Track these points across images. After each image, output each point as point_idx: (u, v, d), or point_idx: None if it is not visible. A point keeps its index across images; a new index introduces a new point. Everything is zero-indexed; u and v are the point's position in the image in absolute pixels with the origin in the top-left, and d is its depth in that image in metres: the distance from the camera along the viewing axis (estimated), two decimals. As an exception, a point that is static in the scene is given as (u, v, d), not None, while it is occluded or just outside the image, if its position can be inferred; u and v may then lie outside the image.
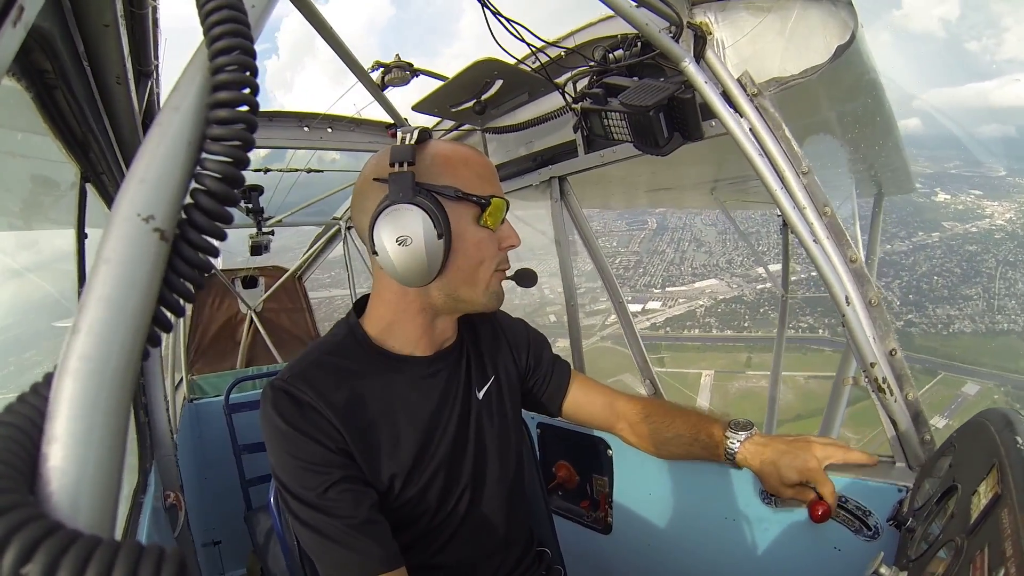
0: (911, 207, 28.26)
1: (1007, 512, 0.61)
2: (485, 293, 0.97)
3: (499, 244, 0.97)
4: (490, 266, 0.95)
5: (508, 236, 0.98)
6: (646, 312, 30.93)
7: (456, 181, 0.90)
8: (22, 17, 0.36)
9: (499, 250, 0.97)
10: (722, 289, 31.50)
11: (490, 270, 0.96)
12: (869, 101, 1.57)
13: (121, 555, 0.23)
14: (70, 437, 0.27)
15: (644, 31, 1.09)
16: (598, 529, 1.64)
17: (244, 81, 0.35)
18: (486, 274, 0.95)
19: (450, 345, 1.05)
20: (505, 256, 0.99)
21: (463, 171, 0.92)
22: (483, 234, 0.93)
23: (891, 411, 1.11)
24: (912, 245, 26.94)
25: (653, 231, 37.17)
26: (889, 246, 25.23)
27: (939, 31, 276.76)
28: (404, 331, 0.98)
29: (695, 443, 1.12)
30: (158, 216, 0.31)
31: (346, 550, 0.86)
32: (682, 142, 1.18)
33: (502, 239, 0.97)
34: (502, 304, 1.01)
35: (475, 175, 0.93)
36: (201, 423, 2.80)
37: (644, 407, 1.19)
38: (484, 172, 0.95)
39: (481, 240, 0.93)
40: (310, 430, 0.88)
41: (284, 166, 2.65)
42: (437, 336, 1.02)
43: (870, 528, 1.10)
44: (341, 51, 1.43)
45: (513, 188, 1.91)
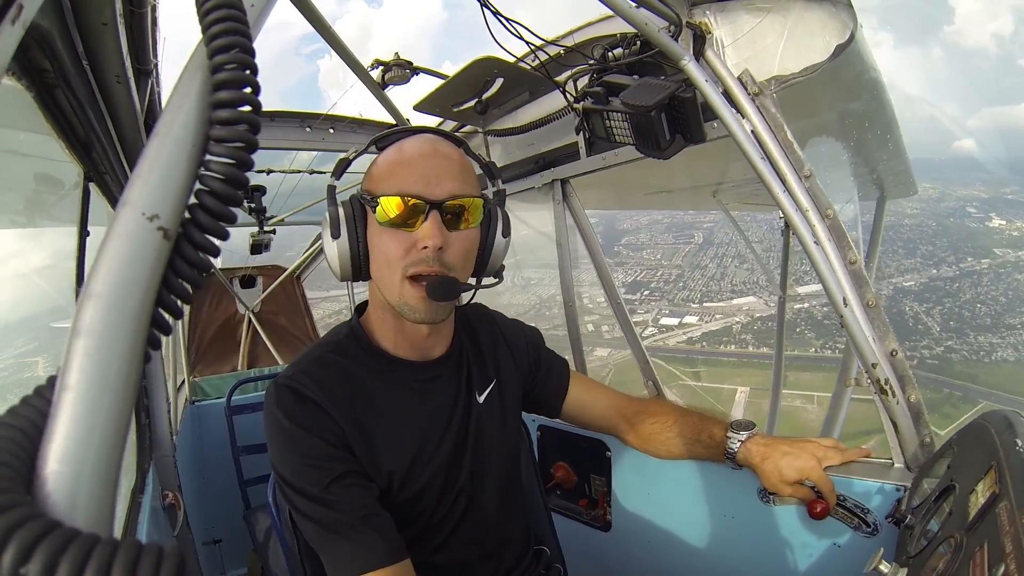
0: (964, 232, 27.42)
1: (1005, 510, 0.61)
2: (399, 303, 0.90)
3: (416, 245, 0.88)
4: (396, 269, 0.88)
5: (422, 236, 0.87)
6: (683, 326, 30.55)
7: (370, 184, 0.92)
8: (21, 15, 0.36)
9: (416, 251, 0.88)
10: (759, 307, 31.07)
11: (397, 274, 0.88)
12: (870, 102, 1.56)
13: (120, 553, 0.23)
14: (70, 439, 0.27)
15: (643, 30, 1.09)
16: (597, 527, 1.65)
17: (245, 80, 0.35)
18: (394, 278, 0.89)
19: (445, 353, 1.04)
20: (421, 259, 0.88)
21: (373, 172, 0.93)
22: (387, 235, 0.88)
23: (892, 412, 1.11)
24: (959, 271, 26.24)
25: (698, 245, 36.12)
26: (935, 271, 24.66)
27: (992, 47, 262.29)
28: (383, 331, 0.99)
29: (696, 443, 1.12)
30: (163, 215, 0.31)
31: (351, 543, 0.86)
32: (684, 144, 1.18)
33: (417, 240, 0.87)
34: (427, 319, 0.92)
35: (381, 173, 0.91)
36: (202, 424, 2.80)
37: (645, 407, 1.19)
38: (396, 169, 0.89)
39: (383, 241, 0.89)
40: (312, 425, 0.89)
41: (287, 166, 2.64)
42: (415, 340, 0.99)
43: (869, 525, 1.10)
44: (341, 50, 1.43)
45: (515, 190, 1.92)
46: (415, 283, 0.88)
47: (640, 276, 31.48)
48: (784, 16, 1.11)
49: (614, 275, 1.91)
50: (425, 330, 0.98)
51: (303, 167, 2.66)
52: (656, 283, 29.56)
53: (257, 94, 0.35)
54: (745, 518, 1.30)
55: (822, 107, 1.53)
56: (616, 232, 32.21)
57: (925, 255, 24.49)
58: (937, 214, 26.89)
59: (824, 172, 1.14)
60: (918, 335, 21.89)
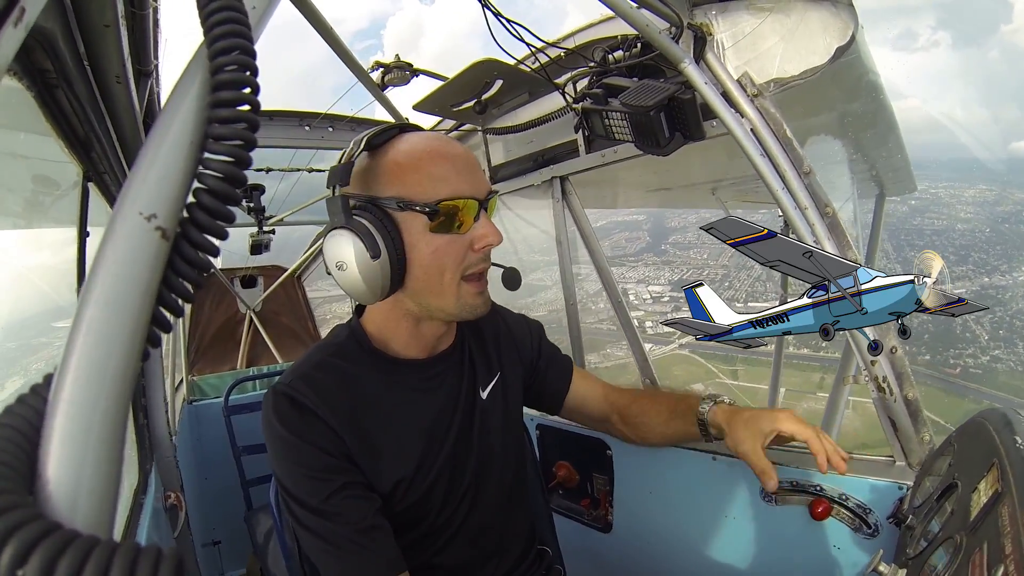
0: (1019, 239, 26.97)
1: (1007, 510, 0.61)
2: (456, 304, 0.89)
3: (472, 245, 0.88)
4: (455, 273, 0.87)
5: (482, 235, 0.88)
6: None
7: (403, 190, 0.84)
8: (23, 18, 0.36)
9: (472, 252, 0.88)
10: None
11: (456, 278, 0.88)
12: (870, 101, 1.56)
13: (118, 555, 0.23)
14: (69, 438, 0.27)
15: (644, 32, 1.09)
16: (598, 527, 1.64)
17: (245, 80, 0.35)
18: (451, 283, 0.88)
19: (449, 346, 1.04)
20: (480, 258, 0.89)
21: (411, 176, 0.85)
22: (440, 241, 0.86)
23: (891, 410, 1.11)
24: (1012, 280, 25.04)
25: (747, 247, 36.12)
26: (987, 279, 24.14)
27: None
28: (395, 335, 0.98)
29: (675, 417, 1.10)
30: (160, 215, 0.31)
31: (350, 556, 0.86)
32: (683, 142, 1.18)
33: (475, 240, 0.88)
34: (485, 312, 0.93)
35: (425, 178, 0.85)
36: (201, 424, 2.80)
37: (632, 396, 1.19)
38: (438, 171, 0.86)
39: (438, 248, 0.86)
40: (312, 437, 0.88)
41: (286, 165, 2.64)
42: (429, 339, 0.99)
43: (870, 526, 1.10)
44: (340, 51, 1.43)
45: (514, 188, 1.91)
46: (471, 281, 0.89)
47: (686, 275, 31.42)
48: (785, 18, 1.11)
49: (661, 273, 1.90)
50: (442, 330, 0.99)
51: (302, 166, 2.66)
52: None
53: (256, 94, 0.35)
54: (746, 519, 1.31)
55: (822, 106, 1.53)
56: (664, 230, 32.02)
57: (977, 263, 23.94)
58: (992, 218, 26.01)
59: (823, 170, 1.14)
60: (964, 343, 21.26)
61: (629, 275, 21.12)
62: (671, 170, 2.17)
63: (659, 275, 22.93)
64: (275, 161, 2.60)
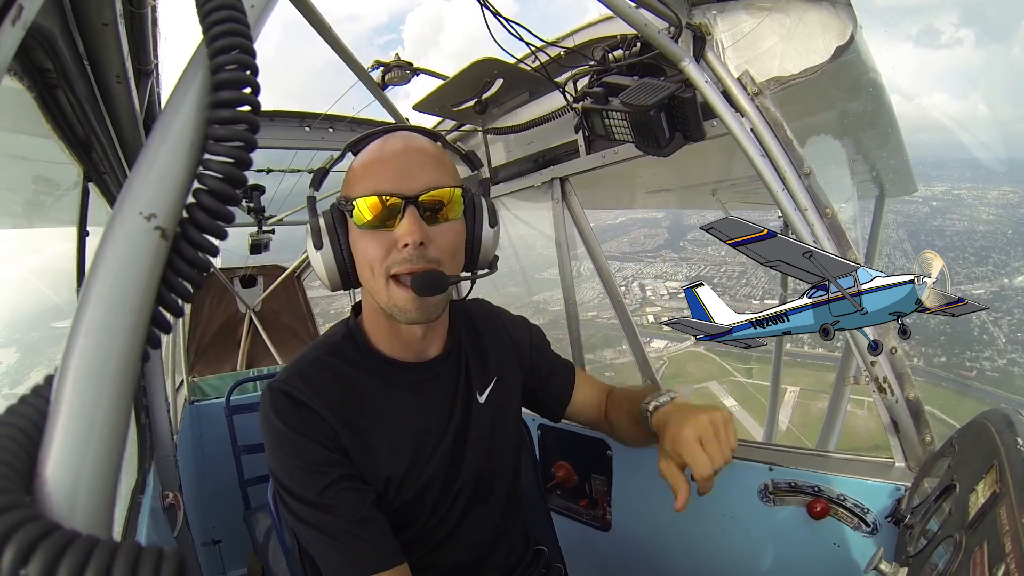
0: None
1: (1005, 509, 0.61)
2: (388, 305, 0.88)
3: (397, 244, 0.85)
4: (379, 271, 0.86)
5: (401, 234, 0.84)
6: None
7: (346, 189, 0.91)
8: (21, 16, 0.36)
9: (397, 251, 0.85)
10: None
11: (380, 276, 0.87)
12: (870, 101, 1.56)
13: (120, 555, 0.23)
14: (69, 438, 0.27)
15: (643, 32, 1.09)
16: (598, 527, 1.65)
17: (245, 80, 0.35)
18: (378, 281, 0.87)
19: (444, 351, 1.03)
20: (403, 258, 0.85)
21: (355, 177, 0.90)
22: (367, 238, 0.86)
23: (892, 411, 1.11)
24: None
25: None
26: (1006, 280, 23.70)
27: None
28: (379, 332, 0.98)
29: (633, 420, 1.04)
30: (160, 215, 0.31)
31: (348, 548, 0.86)
32: (683, 142, 1.18)
33: (397, 238, 0.85)
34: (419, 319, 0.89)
35: (354, 176, 0.89)
36: (202, 424, 2.80)
37: (614, 397, 1.19)
38: (367, 170, 0.88)
39: (363, 245, 0.87)
40: (308, 430, 0.89)
41: (287, 166, 2.64)
42: (407, 338, 0.97)
43: (868, 525, 1.10)
44: (340, 50, 1.43)
45: (515, 188, 1.92)
46: (400, 283, 0.86)
47: (704, 271, 31.26)
48: (784, 17, 1.11)
49: (678, 269, 1.90)
50: (419, 331, 0.96)
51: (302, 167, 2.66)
52: (720, 279, 29.34)
53: (257, 94, 0.35)
54: (745, 518, 1.30)
55: (822, 106, 1.53)
56: (682, 227, 31.93)
57: (998, 264, 23.55)
58: (1015, 220, 25.47)
59: (824, 170, 1.13)
60: (981, 346, 20.90)
61: (647, 271, 20.99)
62: (671, 171, 2.17)
63: (677, 271, 22.76)
64: (275, 162, 2.60)
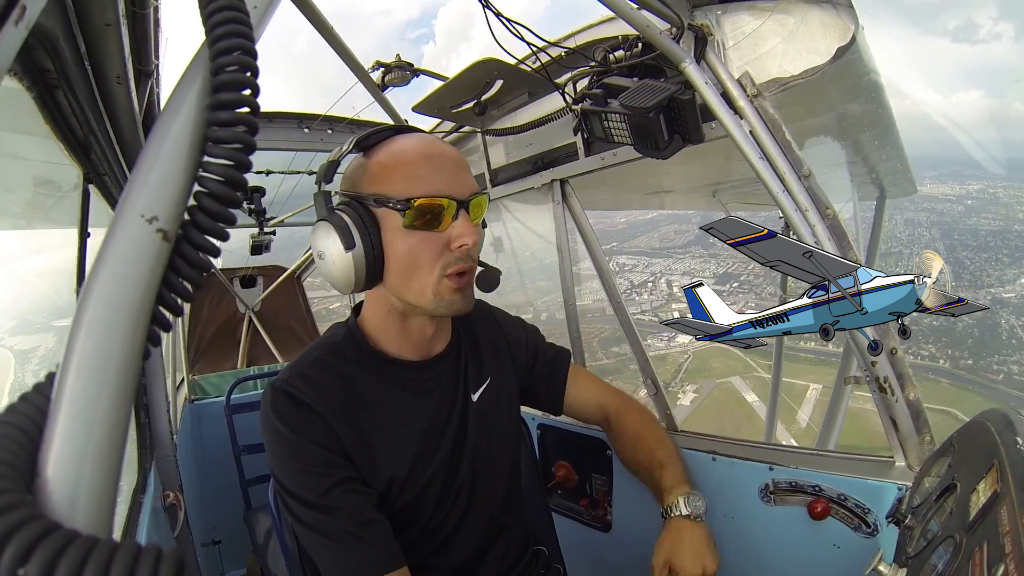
0: None
1: (1006, 509, 0.61)
2: (432, 301, 0.90)
3: (449, 244, 0.89)
4: (430, 271, 0.88)
5: (458, 235, 0.88)
6: (763, 319, 30.52)
7: (382, 187, 0.87)
8: (24, 16, 0.36)
9: (450, 251, 0.88)
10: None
11: (432, 276, 0.88)
12: (870, 102, 1.56)
13: (119, 555, 0.23)
14: (70, 437, 0.27)
15: (645, 33, 1.09)
16: (598, 527, 1.64)
17: (245, 82, 0.35)
18: (427, 280, 0.89)
19: (445, 349, 1.04)
20: (457, 257, 0.89)
21: (391, 174, 0.88)
22: (415, 238, 0.87)
23: (892, 411, 1.11)
24: None
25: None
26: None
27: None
28: (386, 332, 0.98)
29: (649, 477, 1.13)
30: (162, 217, 0.31)
31: (349, 550, 0.86)
32: (682, 144, 1.17)
33: (452, 239, 0.88)
34: (464, 309, 0.93)
35: (402, 176, 0.87)
36: (202, 423, 2.80)
37: (623, 416, 1.19)
38: (416, 171, 0.88)
39: (412, 245, 0.87)
40: (309, 432, 0.88)
41: (286, 167, 2.64)
42: (418, 338, 0.99)
43: (869, 525, 1.10)
44: (341, 50, 1.43)
45: (514, 191, 1.92)
46: (451, 280, 0.90)
47: (731, 268, 31.06)
48: (787, 18, 1.11)
49: (706, 266, 1.89)
50: (430, 329, 0.99)
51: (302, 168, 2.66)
52: (746, 276, 29.24)
53: (256, 95, 0.35)
54: (745, 518, 1.30)
55: (822, 107, 1.53)
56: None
57: None
58: None
59: (823, 172, 1.14)
60: (1010, 349, 20.41)
61: (675, 267, 20.87)
62: (672, 172, 2.17)
63: (705, 268, 22.54)
64: (275, 163, 2.60)
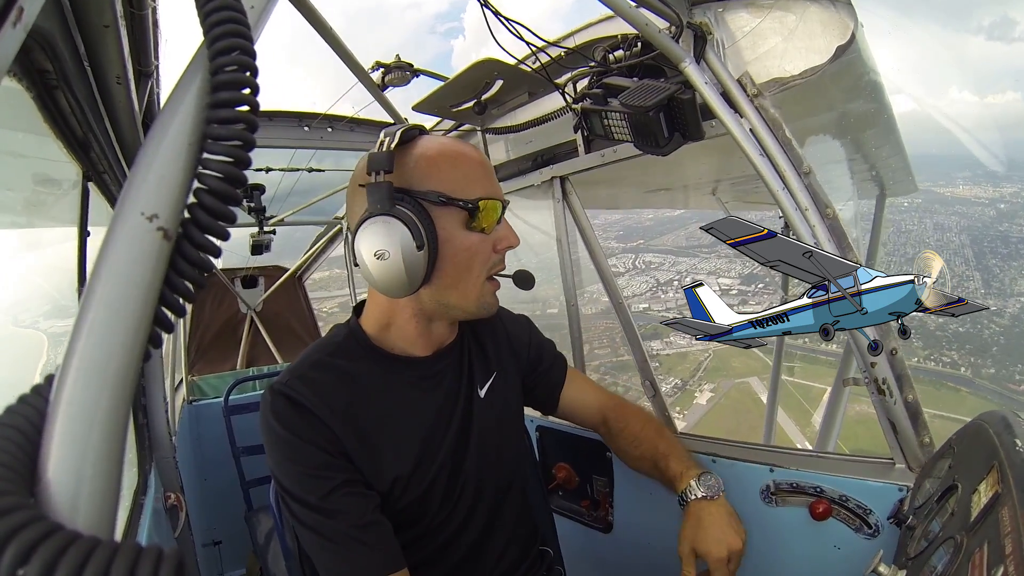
0: None
1: (1007, 510, 0.61)
2: (476, 303, 0.93)
3: (494, 246, 0.93)
4: (480, 272, 0.92)
5: (504, 237, 0.93)
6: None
7: (441, 185, 0.86)
8: (22, 18, 0.36)
9: (494, 252, 0.93)
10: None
11: (480, 277, 0.92)
12: (870, 101, 1.56)
13: (119, 556, 0.23)
14: (70, 438, 0.27)
15: (644, 31, 1.09)
16: (599, 528, 1.64)
17: (244, 81, 0.35)
18: (476, 282, 0.92)
19: (450, 343, 1.04)
20: (499, 259, 0.95)
21: (449, 173, 0.87)
22: (473, 238, 0.89)
23: (891, 412, 1.11)
24: None
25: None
26: None
27: None
28: (401, 333, 0.98)
29: (655, 468, 1.12)
30: (162, 215, 0.31)
31: (349, 553, 0.86)
32: (682, 142, 1.18)
33: (498, 241, 0.93)
34: (495, 311, 0.98)
35: (463, 176, 0.88)
36: (200, 424, 2.80)
37: (623, 416, 1.19)
38: (473, 171, 0.90)
39: (471, 245, 0.89)
40: (309, 435, 0.88)
41: (286, 165, 2.64)
42: (435, 337, 1.01)
43: (870, 526, 1.10)
44: (340, 51, 1.43)
45: (514, 188, 1.91)
46: (491, 281, 0.95)
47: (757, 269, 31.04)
48: (786, 16, 1.11)
49: (732, 266, 1.88)
50: (448, 328, 1.03)
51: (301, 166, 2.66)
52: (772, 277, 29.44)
53: (256, 94, 0.35)
54: (745, 519, 1.30)
55: (822, 106, 1.53)
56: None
57: None
58: None
59: (823, 170, 1.13)
60: None
61: (701, 267, 20.97)
62: (672, 170, 2.17)
63: (731, 267, 22.51)
64: (275, 161, 2.60)
